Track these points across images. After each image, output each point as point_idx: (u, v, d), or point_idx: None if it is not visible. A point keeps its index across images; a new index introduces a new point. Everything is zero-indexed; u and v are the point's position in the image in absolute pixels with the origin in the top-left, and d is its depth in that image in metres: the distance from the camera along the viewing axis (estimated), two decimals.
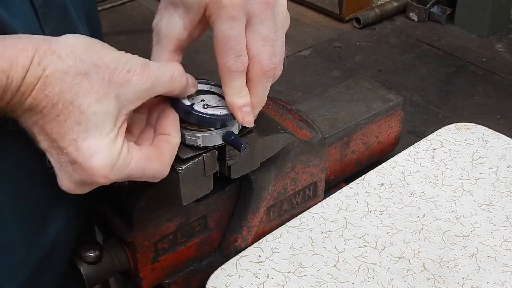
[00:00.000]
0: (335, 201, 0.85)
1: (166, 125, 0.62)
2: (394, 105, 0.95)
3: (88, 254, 0.72)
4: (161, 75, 0.57)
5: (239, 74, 0.62)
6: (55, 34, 0.64)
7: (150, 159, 0.59)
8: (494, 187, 0.87)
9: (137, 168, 0.57)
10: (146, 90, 0.57)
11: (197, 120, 0.64)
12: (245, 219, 0.78)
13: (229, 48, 0.61)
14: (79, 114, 0.53)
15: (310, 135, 0.81)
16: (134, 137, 0.63)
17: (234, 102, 0.64)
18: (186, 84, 0.61)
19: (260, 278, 0.74)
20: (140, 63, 0.56)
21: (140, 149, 0.59)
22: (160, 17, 0.64)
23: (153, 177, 0.60)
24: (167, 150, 0.61)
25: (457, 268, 0.75)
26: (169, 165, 0.61)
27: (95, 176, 0.55)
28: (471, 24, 1.88)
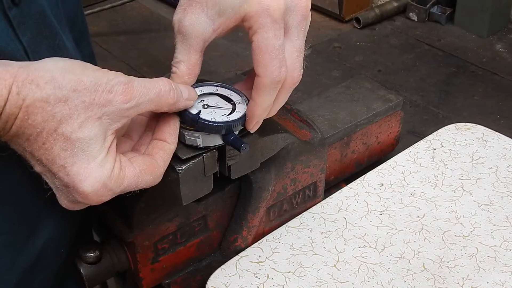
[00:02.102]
0: (335, 201, 0.85)
1: (164, 131, 0.61)
2: (394, 105, 0.95)
3: (88, 254, 0.72)
4: (147, 92, 0.56)
5: (278, 85, 0.62)
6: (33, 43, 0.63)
7: (143, 172, 0.58)
8: (494, 187, 0.87)
9: (130, 185, 0.57)
10: (129, 109, 0.55)
11: (204, 128, 0.63)
12: (245, 219, 0.78)
13: (274, 57, 0.60)
14: (64, 141, 0.53)
15: (310, 135, 0.81)
16: (133, 141, 0.63)
17: (259, 114, 0.64)
18: (175, 100, 0.59)
19: (260, 278, 0.74)
20: (122, 81, 0.55)
21: (133, 165, 0.58)
22: (184, 14, 0.62)
23: (145, 187, 0.60)
24: (161, 158, 0.60)
25: (457, 268, 0.75)
26: (162, 174, 0.60)
27: (88, 199, 0.56)
28: (471, 24, 1.88)
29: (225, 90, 0.68)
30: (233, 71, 1.38)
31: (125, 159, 0.58)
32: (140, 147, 0.62)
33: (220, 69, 1.40)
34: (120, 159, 0.57)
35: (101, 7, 1.64)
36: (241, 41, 1.55)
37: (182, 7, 0.63)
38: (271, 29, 0.60)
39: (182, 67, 0.64)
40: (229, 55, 1.46)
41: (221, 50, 1.48)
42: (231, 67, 1.41)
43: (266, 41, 0.60)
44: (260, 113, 0.64)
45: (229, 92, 0.68)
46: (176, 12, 0.63)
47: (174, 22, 0.63)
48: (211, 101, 0.68)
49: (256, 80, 0.62)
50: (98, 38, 1.58)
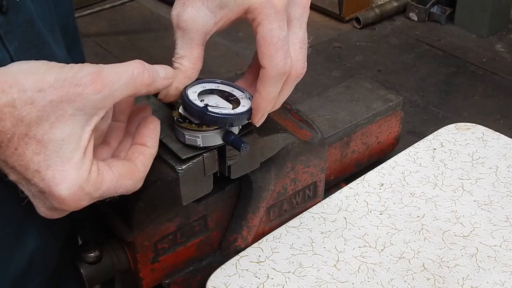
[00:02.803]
0: (335, 201, 0.85)
1: (144, 134, 0.60)
2: (394, 105, 0.95)
3: (88, 254, 0.72)
4: (119, 78, 0.53)
5: (284, 76, 0.62)
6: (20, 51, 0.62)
7: (122, 177, 0.56)
8: (494, 187, 0.87)
9: (109, 189, 0.55)
10: (103, 99, 0.53)
11: (212, 121, 0.63)
12: (245, 219, 0.78)
13: (279, 48, 0.60)
14: (36, 144, 0.51)
15: (310, 135, 0.81)
16: (112, 148, 0.61)
17: (264, 106, 0.63)
18: (152, 79, 0.56)
19: (260, 278, 0.74)
20: (90, 72, 0.52)
21: (111, 169, 0.56)
22: (183, 8, 0.62)
23: (125, 193, 0.58)
24: (141, 163, 0.58)
25: (457, 268, 0.75)
26: (142, 179, 0.58)
27: (65, 205, 0.53)
28: (471, 24, 1.88)
29: (226, 87, 0.68)
30: (233, 71, 1.38)
31: (102, 163, 0.56)
32: (119, 153, 0.60)
33: (220, 69, 1.40)
34: (97, 163, 0.55)
35: (101, 7, 1.64)
36: (241, 41, 1.55)
37: (181, 1, 0.62)
38: (275, 20, 0.59)
39: (185, 62, 0.63)
40: (229, 55, 1.46)
41: (221, 50, 1.48)
42: (231, 67, 1.41)
43: (271, 32, 0.60)
44: (265, 105, 0.63)
45: (231, 89, 0.68)
46: (175, 7, 0.63)
47: (172, 16, 0.62)
48: (211, 101, 0.68)
49: (262, 72, 0.61)
50: (98, 38, 1.58)
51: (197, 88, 0.66)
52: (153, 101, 0.75)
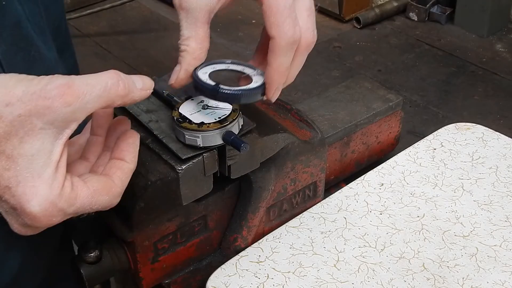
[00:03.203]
0: (335, 201, 0.85)
1: (122, 149, 0.58)
2: (394, 105, 0.95)
3: (88, 254, 0.72)
4: (91, 90, 0.51)
5: (294, 45, 0.61)
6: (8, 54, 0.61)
7: (98, 193, 0.55)
8: (494, 187, 0.87)
9: (83, 205, 0.54)
10: (74, 112, 0.50)
11: (225, 98, 0.63)
12: (245, 219, 0.78)
13: (286, 16, 0.59)
14: (6, 160, 0.49)
15: (310, 135, 0.81)
16: (90, 163, 0.60)
17: (277, 79, 0.62)
18: (127, 91, 0.54)
19: (260, 278, 0.74)
20: (60, 84, 0.50)
21: (87, 184, 0.54)
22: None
23: (101, 209, 0.56)
24: (118, 178, 0.57)
25: (457, 268, 0.75)
26: (119, 195, 0.57)
27: (36, 221, 0.51)
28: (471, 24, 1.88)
29: (237, 66, 0.67)
30: None
31: (77, 178, 0.54)
32: (98, 168, 0.59)
33: None
34: (71, 178, 0.53)
35: (101, 7, 1.64)
36: (241, 41, 1.55)
37: None
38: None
39: (191, 43, 0.62)
40: (229, 55, 1.46)
41: (221, 50, 1.48)
42: None
43: (277, 1, 0.59)
44: (278, 77, 0.63)
45: (242, 67, 0.67)
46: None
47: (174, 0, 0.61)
48: (211, 102, 0.68)
49: (271, 44, 0.61)
50: (98, 38, 1.58)
51: (207, 69, 0.65)
52: (153, 101, 0.75)
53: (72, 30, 1.61)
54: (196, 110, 0.67)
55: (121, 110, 0.74)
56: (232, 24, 1.64)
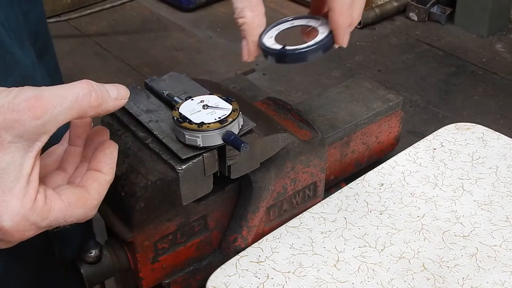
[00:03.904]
0: (335, 201, 0.85)
1: (100, 160, 0.57)
2: (394, 105, 0.95)
3: (88, 254, 0.72)
4: (61, 101, 0.50)
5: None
6: None
7: (73, 206, 0.54)
8: (494, 187, 0.87)
9: (57, 218, 0.53)
10: (44, 124, 0.49)
11: (295, 59, 0.62)
12: (245, 219, 0.78)
13: None
14: None
15: (310, 135, 0.81)
16: (68, 174, 0.59)
17: (343, 21, 0.62)
18: (100, 101, 0.53)
19: (260, 278, 0.74)
20: (29, 96, 0.49)
21: (61, 197, 0.53)
22: None
23: (76, 221, 0.55)
24: (95, 190, 0.56)
25: (457, 268, 0.75)
26: (96, 207, 0.56)
27: (8, 236, 0.51)
28: (471, 24, 1.88)
29: (300, 21, 0.67)
30: (233, 71, 1.38)
31: (51, 191, 0.53)
32: (75, 179, 0.58)
33: (220, 69, 1.40)
34: (45, 191, 0.52)
35: (101, 7, 1.63)
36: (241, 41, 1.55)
37: None
38: None
39: (247, 13, 0.62)
40: (229, 55, 1.46)
41: (221, 50, 1.48)
42: (231, 67, 1.41)
43: None
44: (343, 20, 0.63)
45: (306, 20, 0.67)
46: None
47: None
48: (211, 101, 0.68)
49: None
50: (98, 38, 1.58)
51: (272, 32, 0.65)
52: (153, 101, 0.75)
53: (72, 30, 1.61)
54: (196, 110, 0.67)
55: (120, 110, 0.74)
56: (232, 24, 1.64)
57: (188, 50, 1.47)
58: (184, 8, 1.74)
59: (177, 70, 0.80)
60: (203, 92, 0.74)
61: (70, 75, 1.37)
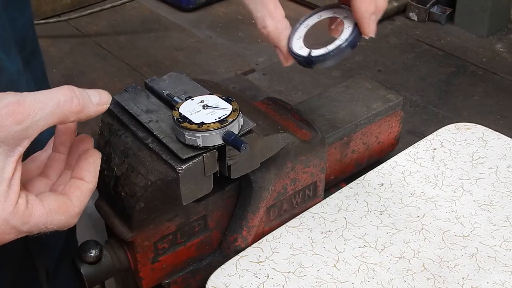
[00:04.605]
0: (335, 201, 0.85)
1: (83, 168, 0.57)
2: (394, 105, 0.95)
3: (88, 254, 0.72)
4: (43, 107, 0.50)
5: None
6: None
7: (54, 212, 0.54)
8: (494, 187, 0.87)
9: (37, 224, 0.53)
10: (25, 130, 0.50)
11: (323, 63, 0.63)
12: (245, 219, 0.78)
13: None
14: None
15: (310, 135, 0.81)
16: (51, 180, 0.60)
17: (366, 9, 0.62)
18: (81, 107, 0.53)
19: (260, 278, 0.74)
20: (10, 102, 0.49)
21: (42, 203, 0.54)
22: None
23: (57, 228, 0.55)
24: (76, 198, 0.56)
25: (457, 268, 0.75)
26: (77, 215, 0.56)
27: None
28: (471, 24, 1.88)
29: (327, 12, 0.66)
30: (233, 71, 1.38)
31: (33, 197, 0.53)
32: (58, 187, 0.58)
33: (220, 69, 1.40)
34: (27, 196, 0.53)
35: (101, 7, 1.63)
36: (241, 41, 1.55)
37: None
38: None
39: (268, 22, 0.62)
40: (229, 55, 1.46)
41: (221, 50, 1.48)
42: (231, 67, 1.41)
43: None
44: (367, 7, 0.62)
45: (333, 11, 0.66)
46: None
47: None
48: (211, 101, 0.68)
49: None
50: (98, 38, 1.58)
51: (301, 31, 0.65)
52: (153, 101, 0.75)
53: (72, 30, 1.61)
54: (196, 110, 0.67)
55: (120, 110, 0.74)
56: (232, 24, 1.64)
57: (188, 50, 1.47)
58: (184, 8, 1.73)
59: (177, 70, 0.80)
60: (203, 92, 0.74)
61: (70, 75, 1.37)
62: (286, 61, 0.65)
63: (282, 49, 0.65)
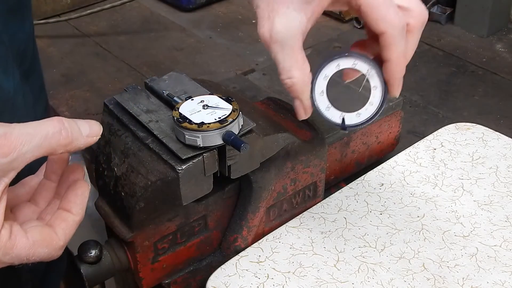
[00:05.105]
0: (335, 201, 0.85)
1: (70, 200, 0.57)
2: (394, 105, 0.95)
3: (88, 254, 0.72)
4: (30, 139, 0.50)
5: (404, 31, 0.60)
6: None
7: (37, 245, 0.53)
8: (494, 187, 0.87)
9: (19, 255, 0.52)
10: (12, 162, 0.49)
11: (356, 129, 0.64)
12: (245, 219, 0.78)
13: (389, 6, 0.59)
14: None
15: (310, 135, 0.81)
16: (39, 208, 0.59)
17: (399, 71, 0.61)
18: (70, 139, 0.52)
19: (260, 278, 0.74)
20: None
21: (27, 235, 0.53)
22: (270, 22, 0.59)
23: (40, 260, 0.54)
24: (62, 231, 0.55)
25: (457, 268, 0.75)
26: (61, 248, 0.56)
27: None
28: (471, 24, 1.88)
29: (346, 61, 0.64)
30: (233, 71, 1.38)
31: (18, 227, 0.53)
32: (45, 216, 0.58)
33: (220, 69, 1.40)
34: (11, 226, 0.52)
35: (101, 7, 1.63)
36: (241, 41, 1.55)
37: (263, 17, 0.60)
38: None
39: (295, 73, 0.61)
40: (229, 55, 1.46)
41: (221, 50, 1.48)
42: (231, 67, 1.41)
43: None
44: (400, 70, 0.61)
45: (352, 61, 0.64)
46: (261, 24, 0.60)
47: (263, 34, 0.60)
48: (211, 101, 0.68)
49: (383, 39, 0.60)
50: (98, 38, 1.58)
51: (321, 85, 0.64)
52: (153, 101, 0.75)
53: (72, 30, 1.61)
54: (196, 110, 0.67)
55: (121, 110, 0.74)
56: (232, 24, 1.64)
57: (188, 50, 1.47)
58: (184, 8, 1.73)
59: (177, 70, 0.80)
60: (203, 92, 0.74)
61: (70, 75, 1.37)
62: (305, 114, 0.64)
63: (305, 102, 0.63)
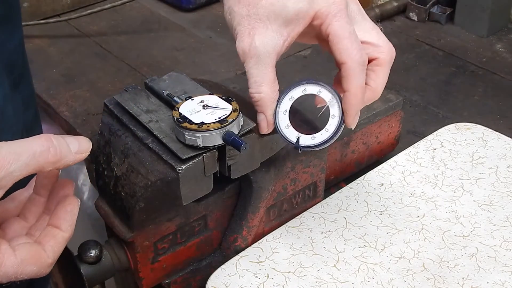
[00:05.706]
0: (335, 201, 0.85)
1: (60, 217, 0.56)
2: (394, 105, 0.95)
3: (88, 254, 0.72)
4: (17, 158, 0.50)
5: (364, 66, 0.63)
6: None
7: (26, 263, 0.53)
8: (494, 187, 0.87)
9: (7, 274, 0.52)
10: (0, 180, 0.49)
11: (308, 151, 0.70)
12: (245, 219, 0.78)
13: (353, 41, 0.62)
14: None
15: None
16: (29, 224, 0.59)
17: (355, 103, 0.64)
18: (59, 157, 0.52)
19: (260, 278, 0.74)
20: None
21: (15, 253, 0.53)
22: (249, 38, 0.63)
23: (28, 278, 0.54)
24: (50, 248, 0.55)
25: (457, 268, 0.75)
26: (50, 266, 0.55)
27: None
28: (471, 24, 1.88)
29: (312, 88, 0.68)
30: (233, 71, 1.38)
31: (6, 246, 0.53)
32: (35, 232, 0.57)
33: (220, 69, 1.40)
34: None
35: (101, 7, 1.63)
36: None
37: (244, 33, 0.63)
38: (343, 17, 0.61)
39: (265, 88, 0.64)
40: (229, 55, 1.46)
41: (221, 50, 1.48)
42: (231, 67, 1.40)
43: (343, 28, 0.61)
44: (356, 102, 0.64)
45: (318, 89, 0.68)
46: (241, 39, 0.63)
47: (242, 49, 0.63)
48: (211, 101, 0.68)
49: (344, 69, 0.63)
50: (98, 38, 1.57)
51: (286, 105, 0.66)
52: (153, 101, 0.75)
53: (72, 30, 1.61)
54: (196, 110, 0.67)
55: (121, 110, 0.74)
56: None
57: (188, 50, 1.47)
58: (184, 8, 1.73)
59: (177, 70, 0.80)
60: (203, 92, 0.74)
61: (70, 75, 1.36)
62: (267, 129, 0.67)
63: (269, 117, 0.66)
